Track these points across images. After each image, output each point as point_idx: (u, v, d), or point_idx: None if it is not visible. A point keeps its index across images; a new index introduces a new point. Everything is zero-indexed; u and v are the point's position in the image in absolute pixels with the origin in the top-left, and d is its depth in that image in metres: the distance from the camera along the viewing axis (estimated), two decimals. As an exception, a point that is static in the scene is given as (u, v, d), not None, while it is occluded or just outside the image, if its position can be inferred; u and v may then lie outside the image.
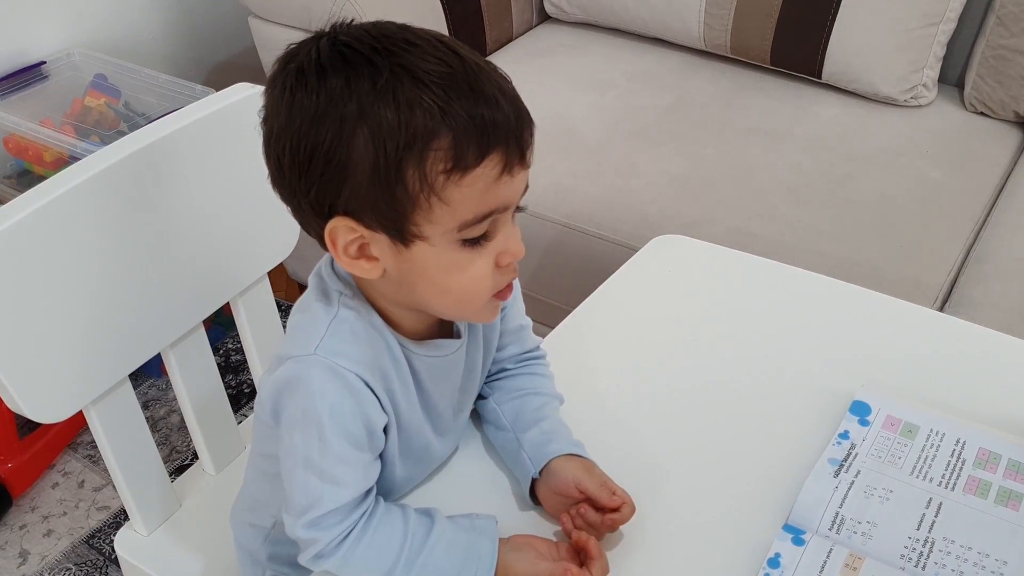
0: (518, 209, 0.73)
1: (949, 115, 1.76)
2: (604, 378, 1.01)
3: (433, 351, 0.80)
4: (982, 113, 1.75)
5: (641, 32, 1.96)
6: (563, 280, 1.56)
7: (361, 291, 0.76)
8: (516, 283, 0.90)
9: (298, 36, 0.72)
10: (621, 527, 0.81)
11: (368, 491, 0.76)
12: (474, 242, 0.70)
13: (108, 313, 0.96)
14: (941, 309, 1.35)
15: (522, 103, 0.70)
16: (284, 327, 1.18)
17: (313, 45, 0.68)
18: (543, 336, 1.00)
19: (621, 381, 1.00)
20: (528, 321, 0.93)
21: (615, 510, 0.78)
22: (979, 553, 0.80)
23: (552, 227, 1.55)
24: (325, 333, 0.73)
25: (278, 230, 1.13)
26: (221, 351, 1.96)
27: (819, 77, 1.79)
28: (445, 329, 0.82)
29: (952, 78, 1.83)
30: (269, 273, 1.15)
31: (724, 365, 1.02)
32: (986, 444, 0.91)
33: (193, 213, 1.02)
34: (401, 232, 0.69)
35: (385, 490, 0.81)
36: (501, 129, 0.66)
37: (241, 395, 1.87)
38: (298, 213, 0.73)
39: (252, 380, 1.88)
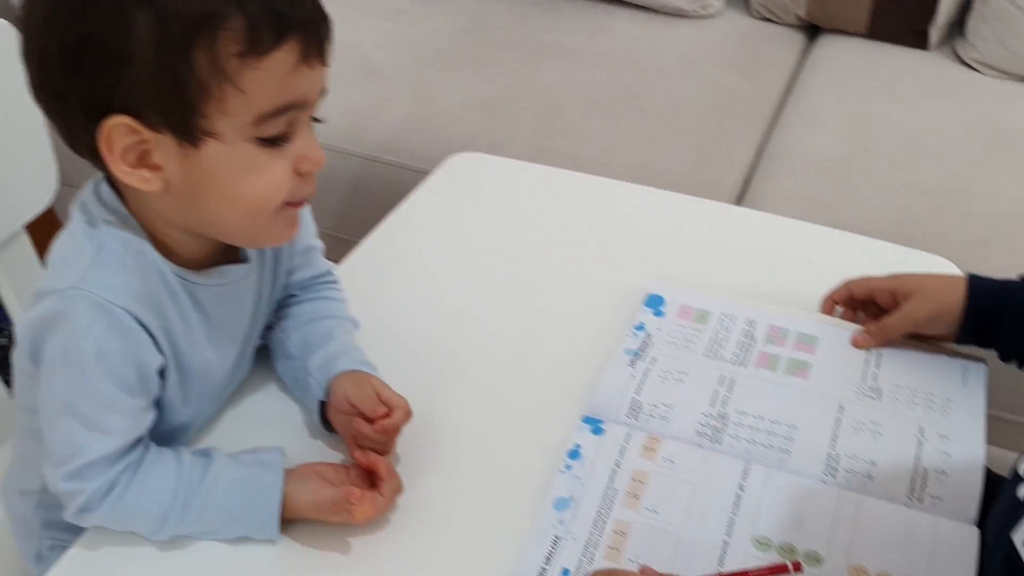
0: (316, 120, 0.68)
1: (737, 22, 1.80)
2: (403, 298, 0.97)
3: (218, 279, 0.74)
4: (767, 19, 1.80)
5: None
6: (368, 216, 1.50)
7: (133, 215, 0.69)
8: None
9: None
10: (420, 438, 0.78)
11: (138, 439, 0.70)
12: (271, 142, 0.64)
13: None
14: (737, 206, 1.38)
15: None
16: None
17: None
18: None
19: (421, 300, 0.97)
20: (318, 243, 0.88)
21: (384, 418, 0.74)
22: (771, 421, 0.82)
23: (352, 160, 1.50)
24: (90, 264, 0.66)
25: (32, 175, 1.03)
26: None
27: (612, -7, 1.80)
28: (230, 255, 0.75)
29: (737, -13, 1.87)
30: (32, 228, 1.05)
31: (523, 273, 1.01)
32: (775, 321, 0.93)
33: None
34: (189, 129, 0.62)
35: (165, 433, 0.75)
36: (300, 15, 0.62)
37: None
38: (66, 126, 0.65)
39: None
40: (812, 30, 1.81)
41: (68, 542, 0.83)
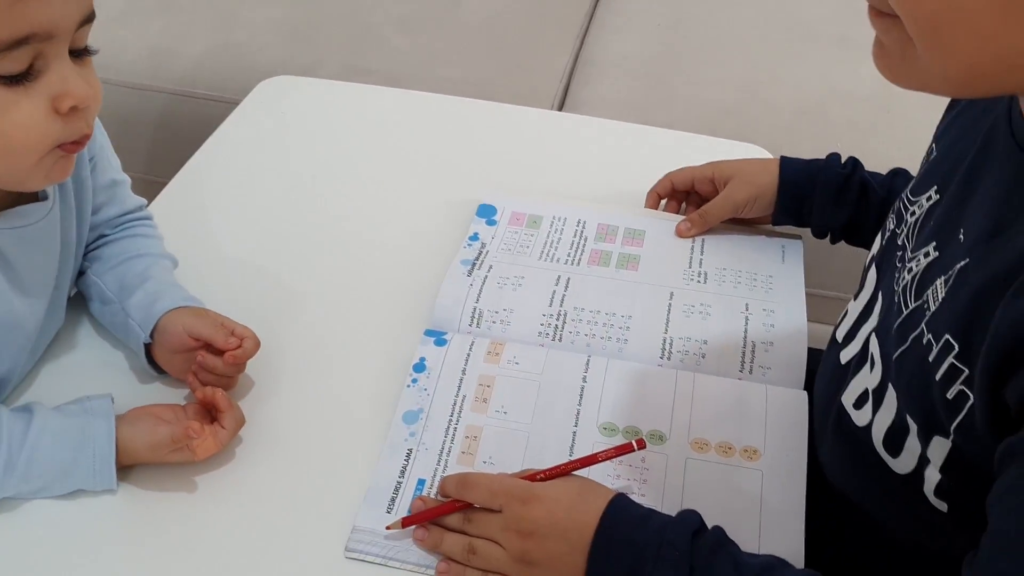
0: (87, 52, 0.62)
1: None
2: (225, 229, 0.94)
3: (14, 221, 0.68)
4: (572, -75, 1.79)
5: None
6: (181, 154, 1.43)
7: None
8: (102, 132, 0.79)
9: None
10: (260, 368, 0.76)
11: None
12: (14, 80, 0.58)
13: None
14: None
15: None
16: None
17: None
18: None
19: (244, 228, 0.94)
20: (124, 177, 0.83)
21: (236, 349, 0.72)
22: (607, 314, 0.84)
23: (158, 97, 1.42)
24: None
25: None
26: None
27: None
28: (26, 194, 0.70)
29: None
30: None
31: (349, 194, 0.99)
32: (604, 220, 0.95)
33: None
34: None
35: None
36: None
37: None
38: None
39: None
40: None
41: None
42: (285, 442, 0.73)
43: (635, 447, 0.68)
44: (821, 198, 0.87)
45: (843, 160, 0.89)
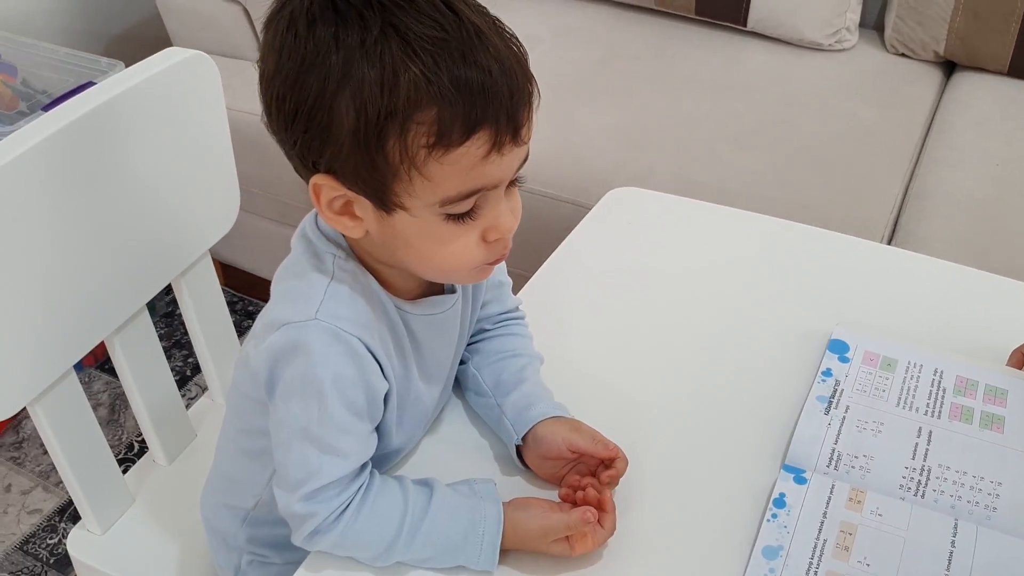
0: (514, 182, 0.69)
1: (872, 57, 1.78)
2: (579, 335, 0.98)
3: (429, 309, 0.76)
4: (903, 54, 1.78)
5: (564, -13, 1.93)
6: (516, 243, 1.52)
7: (352, 251, 0.72)
8: None
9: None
10: (622, 483, 0.79)
11: (365, 464, 0.72)
12: (459, 217, 0.66)
13: (50, 302, 0.88)
14: (889, 245, 1.37)
15: (523, 71, 0.65)
16: (228, 308, 1.13)
17: None
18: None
19: (596, 337, 0.98)
20: (508, 280, 0.90)
21: (610, 464, 0.76)
22: (974, 477, 0.81)
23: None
24: (324, 296, 0.69)
25: (220, 202, 1.07)
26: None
27: (744, 25, 1.80)
28: (437, 285, 0.78)
29: (871, 21, 1.86)
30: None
31: (697, 313, 1.01)
32: (963, 372, 0.92)
33: (129, 188, 0.95)
34: (383, 200, 0.65)
35: (379, 458, 0.77)
36: (492, 104, 0.62)
37: (184, 379, 1.80)
38: (288, 157, 0.69)
39: (194, 363, 1.81)
40: (948, 66, 1.79)
41: (269, 558, 0.86)
42: (645, 556, 0.75)
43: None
44: None
45: None
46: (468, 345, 0.87)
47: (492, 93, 0.61)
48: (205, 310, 1.09)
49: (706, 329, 0.99)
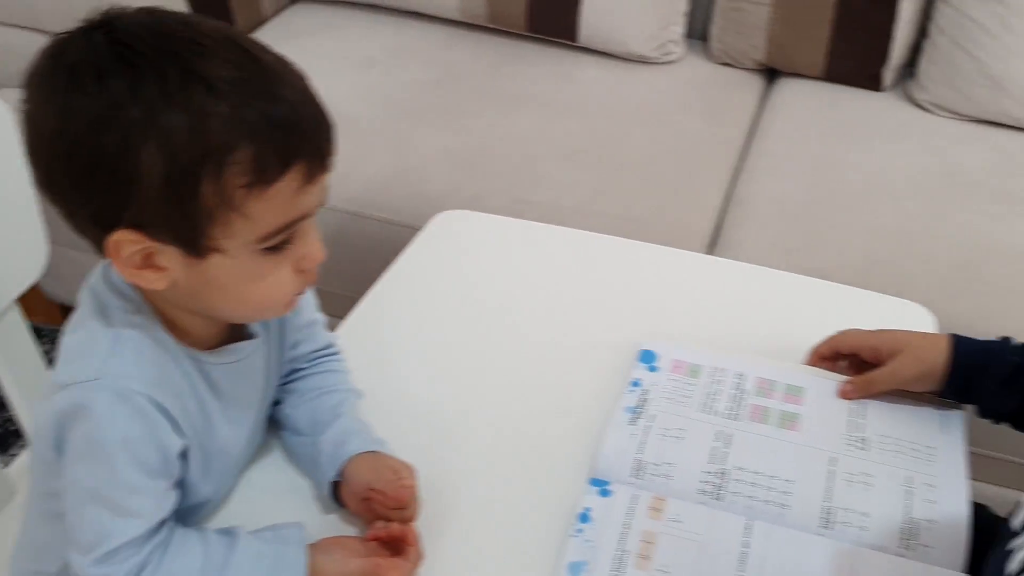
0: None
1: (699, 68, 1.86)
2: (402, 362, 1.00)
3: (229, 357, 0.76)
4: (727, 64, 1.86)
5: (398, 7, 1.94)
6: (350, 268, 1.52)
7: (146, 301, 0.71)
8: None
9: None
10: (436, 506, 0.81)
11: (163, 521, 0.71)
12: (274, 249, 0.67)
13: None
14: (709, 253, 1.43)
15: (321, 104, 0.67)
16: (49, 355, 1.10)
17: (84, 40, 0.62)
18: (334, 328, 0.98)
19: (420, 362, 1.00)
20: (320, 317, 0.91)
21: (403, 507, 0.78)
22: (769, 476, 0.85)
23: (332, 215, 1.52)
24: (107, 354, 0.68)
25: (23, 250, 1.04)
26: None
27: (575, 41, 1.84)
28: (237, 332, 0.78)
29: (698, 32, 1.93)
30: (21, 298, 1.05)
31: (519, 333, 1.04)
32: (763, 374, 0.97)
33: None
34: (195, 245, 0.65)
35: (186, 511, 0.76)
36: (304, 138, 0.64)
37: (7, 435, 1.73)
38: (71, 219, 0.67)
39: (15, 419, 1.73)
40: (771, 73, 1.88)
41: (76, 622, 0.84)
42: (455, 581, 0.77)
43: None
44: (991, 383, 0.87)
45: (1016, 345, 0.89)
46: (283, 385, 0.88)
47: (301, 126, 0.64)
48: (18, 363, 1.06)
49: (526, 348, 1.02)
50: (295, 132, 0.63)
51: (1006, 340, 0.90)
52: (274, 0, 2.00)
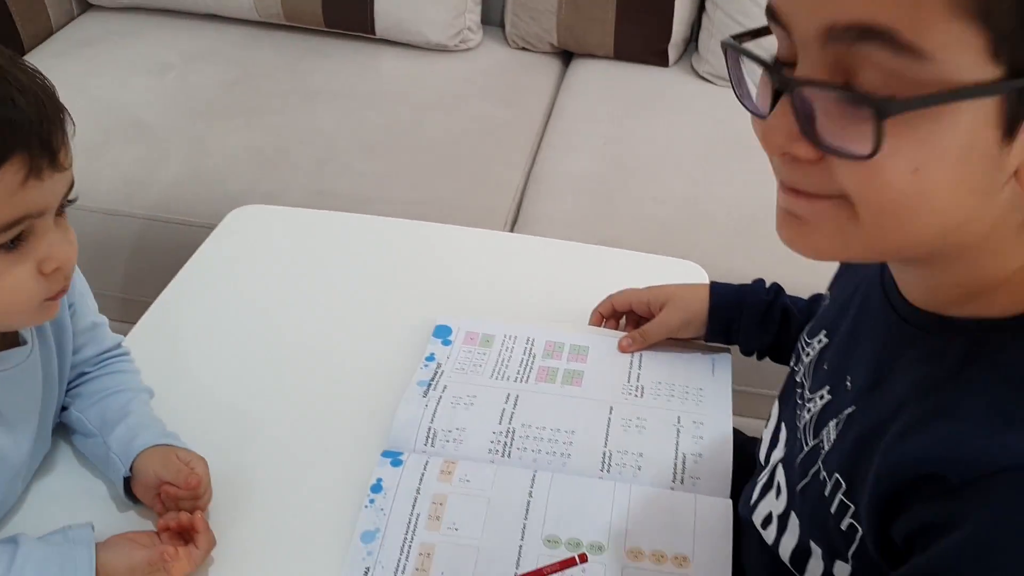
0: (64, 205, 0.70)
1: (497, 53, 1.91)
2: (196, 357, 1.00)
3: None
4: (524, 48, 1.93)
5: (193, 11, 1.92)
6: (157, 274, 1.50)
7: None
8: (81, 279, 0.87)
9: None
10: (232, 491, 0.82)
11: None
12: (6, 248, 0.66)
13: None
14: (512, 230, 1.48)
15: (52, 100, 0.66)
16: None
17: None
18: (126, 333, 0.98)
19: (214, 357, 1.00)
20: (102, 319, 0.90)
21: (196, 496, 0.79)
22: (552, 430, 0.91)
23: (132, 222, 1.49)
24: None
25: None
26: None
27: (374, 33, 1.87)
28: (8, 338, 0.77)
29: (496, 19, 1.99)
30: None
31: (315, 317, 1.06)
32: (551, 337, 1.02)
33: None
34: None
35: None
36: (21, 132, 0.63)
37: None
38: None
39: None
40: (566, 56, 1.95)
41: None
42: (250, 561, 0.79)
43: (578, 561, 0.74)
44: (747, 322, 0.95)
45: (768, 286, 0.98)
46: (70, 390, 0.87)
47: (19, 121, 0.63)
48: None
49: (323, 334, 1.04)
50: (10, 127, 0.63)
51: (759, 282, 0.98)
52: (63, 10, 1.94)
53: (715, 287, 0.99)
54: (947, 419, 0.54)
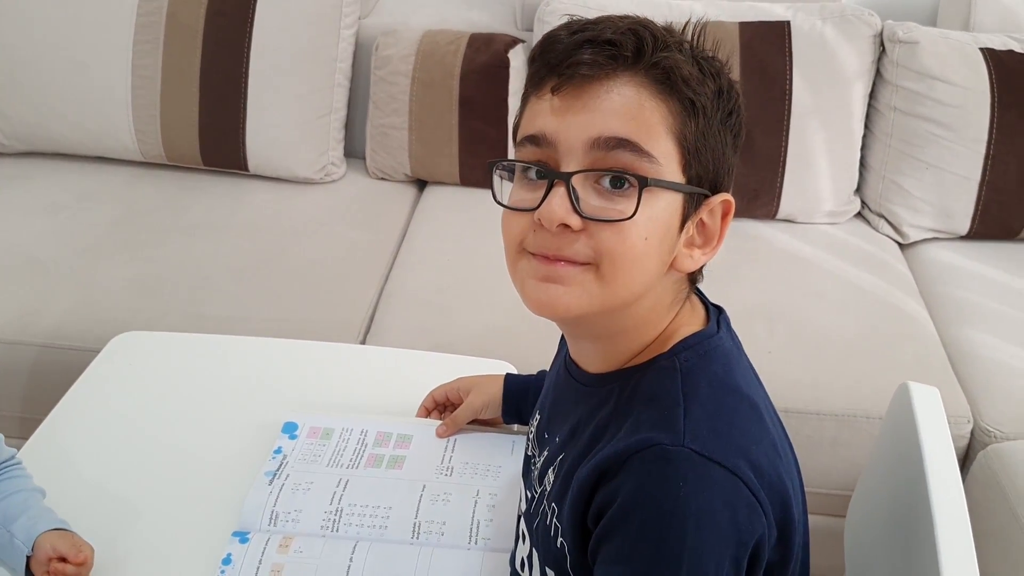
0: None
1: (359, 184, 2.17)
2: (81, 466, 1.20)
3: None
4: (383, 178, 2.19)
5: (84, 154, 2.14)
6: (52, 394, 1.68)
7: None
8: None
9: None
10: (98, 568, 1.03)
11: None
12: None
13: None
14: (363, 341, 1.71)
15: None
16: None
17: None
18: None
19: (101, 463, 1.20)
20: None
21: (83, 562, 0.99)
22: (374, 507, 1.13)
23: (29, 350, 1.68)
24: None
25: None
26: None
27: (247, 170, 2.11)
28: None
29: (361, 151, 2.25)
30: None
31: (185, 425, 1.27)
32: (382, 428, 1.25)
33: None
34: None
35: None
36: None
37: None
38: None
39: None
40: (421, 183, 2.22)
41: None
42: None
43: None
44: (532, 404, 1.20)
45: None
46: (-26, 497, 1.06)
47: None
48: None
49: (193, 443, 1.24)
50: None
51: (542, 372, 1.23)
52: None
53: (508, 376, 1.23)
54: (613, 437, 0.79)
